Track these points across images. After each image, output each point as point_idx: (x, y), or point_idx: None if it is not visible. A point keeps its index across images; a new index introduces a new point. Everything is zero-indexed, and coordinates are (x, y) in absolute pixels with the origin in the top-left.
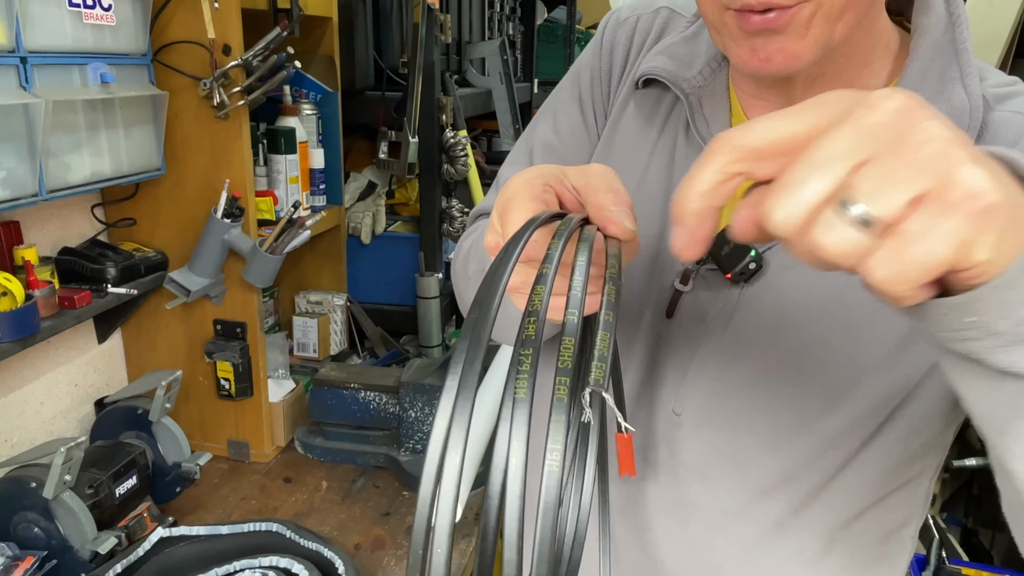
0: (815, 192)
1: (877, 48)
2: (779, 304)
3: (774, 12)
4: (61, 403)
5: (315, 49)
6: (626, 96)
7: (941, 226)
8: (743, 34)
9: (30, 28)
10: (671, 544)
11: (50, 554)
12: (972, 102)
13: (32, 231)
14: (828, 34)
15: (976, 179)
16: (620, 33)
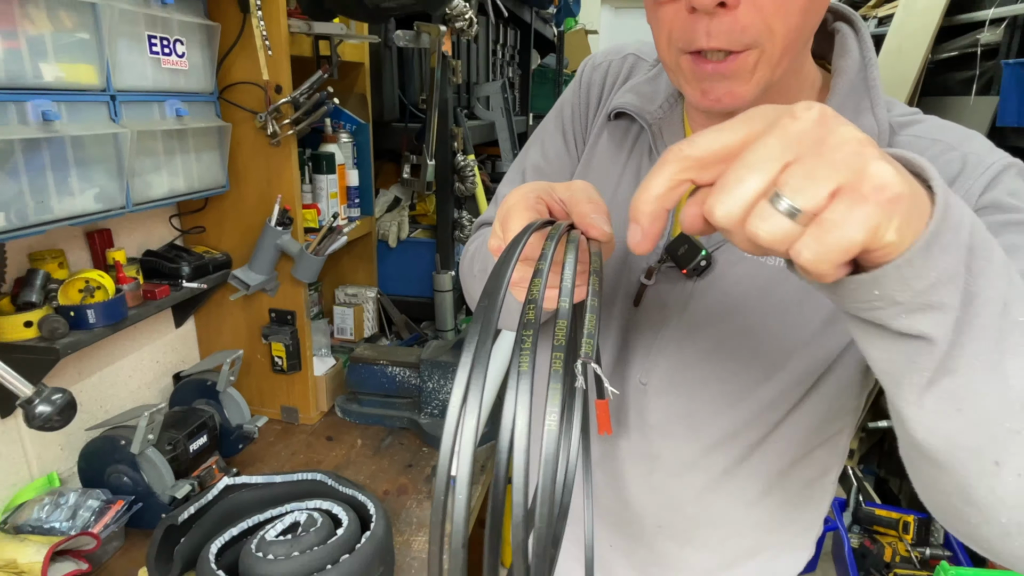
0: (750, 189)
1: (804, 86)
2: (725, 294)
3: (725, 58)
4: (145, 376)
5: (351, 88)
6: (601, 126)
7: (856, 214)
8: (696, 77)
9: (118, 72)
10: (638, 488)
11: (136, 498)
12: (880, 127)
13: (121, 237)
14: (769, 77)
15: (884, 174)
16: (595, 75)
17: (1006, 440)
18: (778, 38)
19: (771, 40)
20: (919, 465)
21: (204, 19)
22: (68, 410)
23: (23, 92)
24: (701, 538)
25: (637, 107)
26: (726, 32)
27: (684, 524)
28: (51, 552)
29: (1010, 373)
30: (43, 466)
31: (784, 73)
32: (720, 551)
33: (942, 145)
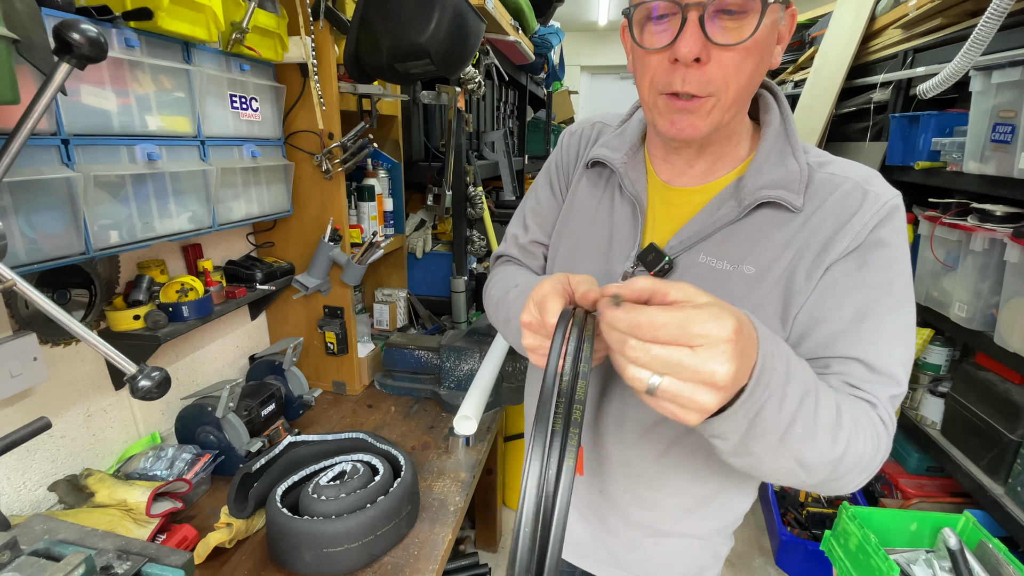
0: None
1: (741, 133)
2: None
3: (691, 99)
4: (228, 357)
5: (387, 135)
6: (580, 174)
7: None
8: (668, 111)
9: (207, 122)
10: (617, 444)
11: (220, 452)
12: (800, 167)
13: (209, 249)
14: (720, 119)
15: (720, 374)
16: (572, 140)
17: (786, 479)
18: (731, 92)
19: (726, 92)
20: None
21: (273, 82)
22: (164, 384)
23: (133, 138)
24: (670, 485)
25: (607, 157)
26: (696, 81)
27: (656, 472)
28: (153, 494)
29: (785, 458)
30: (148, 427)
31: (732, 119)
32: (687, 495)
33: (851, 183)
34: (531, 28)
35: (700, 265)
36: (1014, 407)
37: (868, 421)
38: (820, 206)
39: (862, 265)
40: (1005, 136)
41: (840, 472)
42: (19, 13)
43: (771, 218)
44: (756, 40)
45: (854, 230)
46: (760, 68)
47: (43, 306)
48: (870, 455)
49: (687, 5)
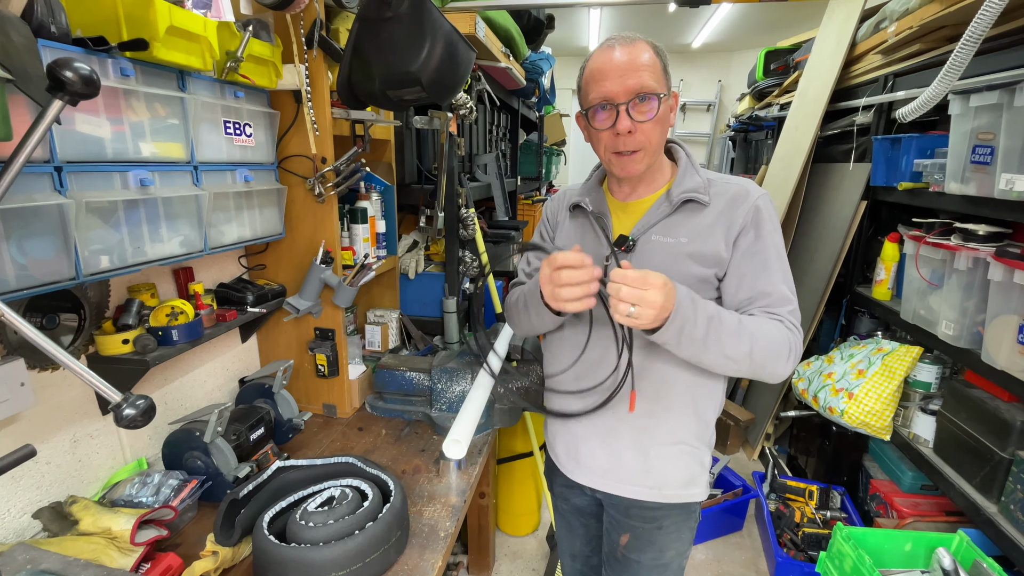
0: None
1: (663, 167)
2: (641, 256)
3: (631, 154)
4: (217, 381)
5: (380, 159)
6: (564, 216)
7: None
8: (618, 162)
9: (200, 148)
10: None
11: (207, 478)
12: (702, 180)
13: (200, 272)
14: (649, 161)
15: (655, 300)
16: (553, 203)
17: (724, 368)
18: (652, 145)
19: (650, 146)
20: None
21: (267, 108)
22: (149, 412)
23: (126, 164)
24: (665, 396)
25: (580, 199)
26: (631, 144)
27: (654, 389)
28: (138, 521)
29: (709, 352)
30: (135, 452)
31: (654, 160)
32: (675, 403)
33: (736, 185)
34: (522, 55)
35: (653, 242)
36: (1004, 424)
37: (773, 325)
38: (720, 201)
39: (756, 236)
40: (985, 158)
41: (760, 358)
42: (15, 45)
43: (692, 209)
44: (659, 117)
45: (742, 213)
46: (665, 129)
47: (29, 335)
48: (779, 343)
49: (617, 104)
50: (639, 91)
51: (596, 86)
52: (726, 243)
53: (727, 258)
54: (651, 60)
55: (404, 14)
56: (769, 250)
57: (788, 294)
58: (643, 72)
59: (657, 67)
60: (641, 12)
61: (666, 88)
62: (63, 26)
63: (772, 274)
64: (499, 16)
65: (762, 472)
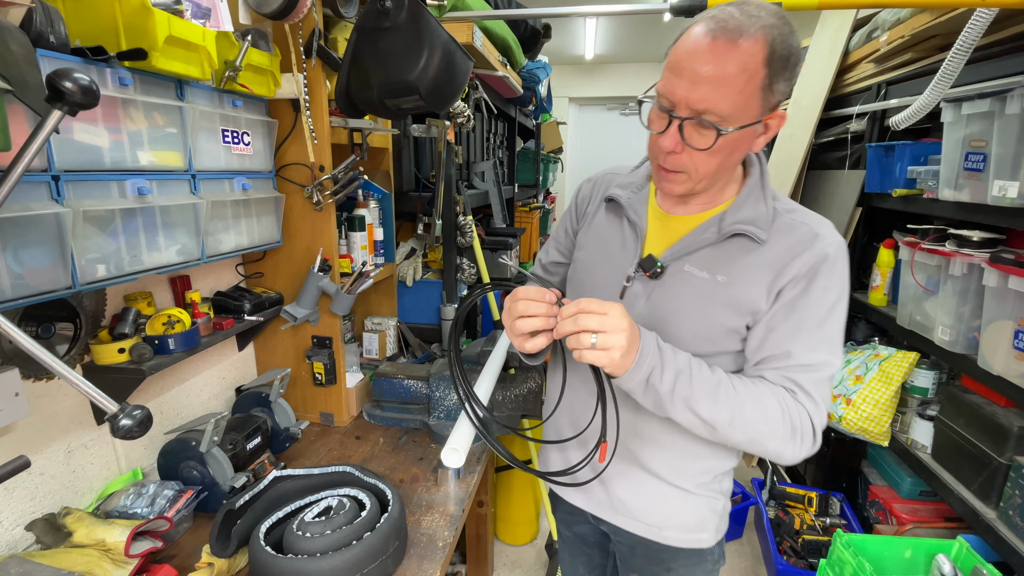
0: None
1: (730, 184)
2: (667, 287)
3: (670, 172)
4: (214, 390)
5: (378, 166)
6: (598, 207)
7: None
8: (657, 174)
9: (198, 156)
10: (621, 404)
11: (203, 488)
12: (767, 211)
13: (197, 281)
14: (693, 187)
15: (614, 346)
16: (588, 185)
17: (696, 429)
18: (700, 172)
19: (696, 172)
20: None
21: (265, 117)
22: (146, 423)
23: (124, 173)
24: (662, 439)
25: (617, 194)
26: (672, 163)
27: (652, 428)
28: (133, 533)
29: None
30: (130, 463)
31: (707, 187)
32: (676, 449)
33: (806, 228)
34: (519, 63)
35: (685, 272)
36: (1001, 429)
37: (776, 396)
38: (779, 241)
39: (804, 291)
40: (977, 164)
41: (747, 432)
42: (14, 55)
43: (742, 245)
44: (719, 147)
45: (801, 261)
46: (730, 159)
47: (24, 344)
48: (774, 419)
49: (672, 113)
50: (700, 112)
51: (667, 74)
52: (768, 292)
53: (764, 310)
54: (742, 74)
55: (402, 24)
56: (814, 309)
57: (818, 361)
58: (720, 90)
59: (749, 86)
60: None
61: (753, 113)
62: (62, 36)
63: (807, 337)
64: (496, 26)
65: (761, 479)
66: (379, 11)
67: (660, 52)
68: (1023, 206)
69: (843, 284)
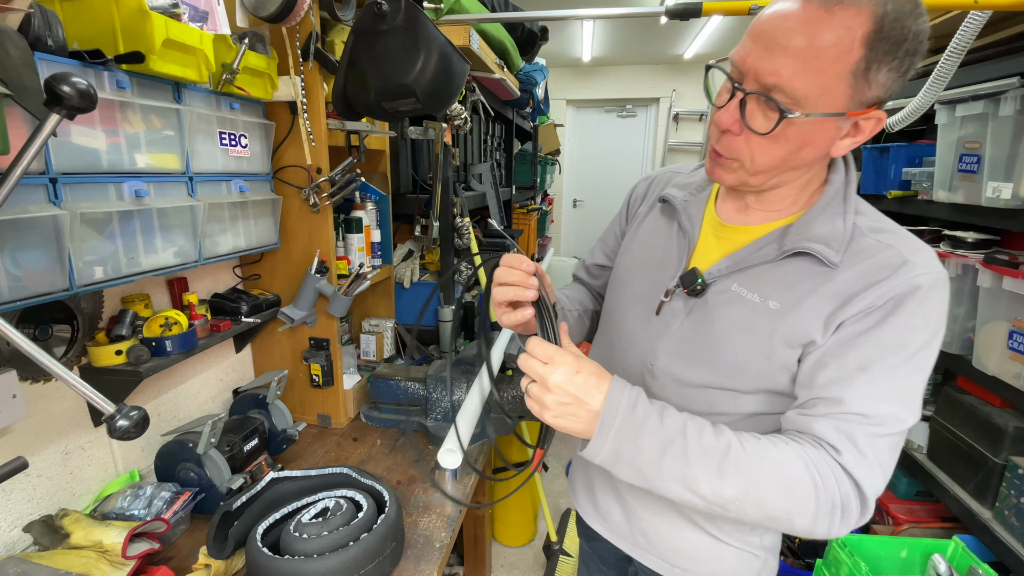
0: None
1: (806, 189)
2: (707, 309)
3: (721, 156)
4: (211, 391)
5: (375, 169)
6: (650, 207)
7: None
8: (709, 158)
9: (195, 159)
10: None
11: (200, 490)
12: (845, 230)
13: (194, 283)
14: (744, 179)
15: (547, 413)
16: (644, 183)
17: (697, 505)
18: (756, 164)
19: (751, 162)
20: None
21: (263, 119)
22: (143, 424)
23: (121, 175)
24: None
25: (671, 195)
26: (724, 146)
27: None
28: (130, 535)
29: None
30: (127, 464)
31: (764, 182)
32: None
33: (893, 251)
34: (516, 66)
35: (731, 292)
36: (996, 430)
37: (805, 467)
38: (855, 265)
39: (877, 325)
40: (971, 166)
41: (764, 509)
42: (12, 59)
43: (806, 267)
44: (782, 135)
45: (879, 291)
46: (797, 156)
47: (23, 346)
48: (803, 490)
49: (735, 84)
50: (769, 88)
51: (744, 39)
52: (826, 324)
53: (817, 342)
54: (830, 49)
55: (399, 27)
56: (887, 348)
57: (881, 413)
58: (796, 63)
59: (836, 65)
60: (634, 24)
61: (836, 102)
62: (60, 39)
63: (870, 382)
64: (493, 28)
65: None
66: (376, 14)
67: (658, 54)
68: (1017, 207)
69: (935, 326)
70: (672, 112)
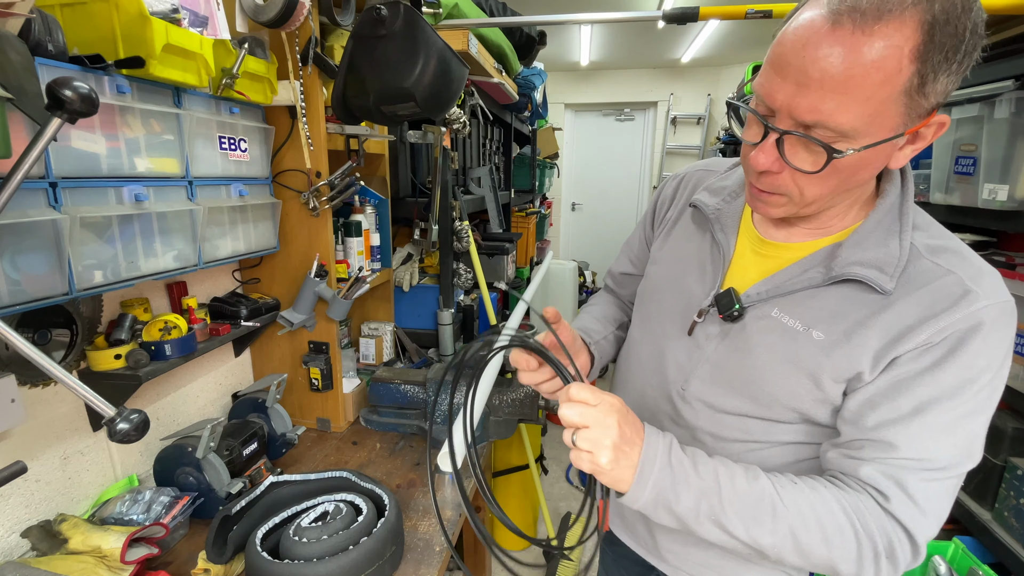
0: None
1: (854, 206)
2: (745, 335)
3: (764, 192)
4: (210, 395)
5: (374, 172)
6: (681, 211)
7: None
8: (750, 192)
9: (195, 163)
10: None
11: (199, 494)
12: (901, 252)
13: (194, 287)
14: (794, 211)
15: (600, 462)
16: (672, 183)
17: (739, 551)
18: (807, 197)
19: (800, 196)
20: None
21: (262, 123)
22: (143, 427)
23: (121, 180)
24: None
25: (703, 202)
26: (767, 184)
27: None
28: (129, 539)
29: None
30: (126, 469)
31: (820, 208)
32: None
33: (954, 278)
34: (514, 70)
35: (771, 319)
36: (995, 431)
37: (844, 513)
38: (911, 293)
39: (936, 365)
40: (967, 168)
41: (801, 558)
42: (13, 63)
43: (855, 294)
44: (834, 168)
45: (938, 326)
46: (851, 180)
47: (23, 349)
48: (843, 544)
49: (767, 123)
50: (808, 126)
51: (767, 69)
52: (876, 358)
53: (865, 378)
54: (875, 75)
55: (398, 32)
56: (947, 390)
57: (938, 459)
58: (838, 98)
59: (884, 90)
60: (632, 28)
61: (889, 127)
62: (60, 44)
63: (927, 426)
64: (492, 33)
65: None
66: (375, 19)
67: (655, 58)
68: (1013, 209)
69: (1000, 362)
70: (670, 116)
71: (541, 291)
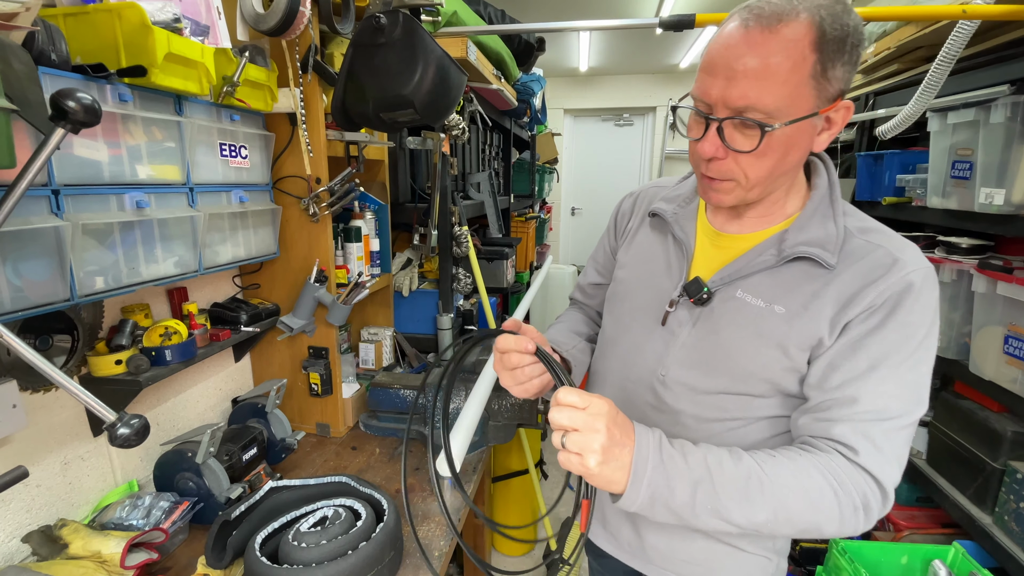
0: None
1: (791, 195)
2: (716, 316)
3: (714, 180)
4: (210, 401)
5: (374, 178)
6: (640, 222)
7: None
8: (702, 184)
9: (196, 170)
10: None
11: (199, 500)
12: (837, 231)
13: (194, 292)
14: (743, 196)
15: (591, 465)
16: (628, 200)
17: (734, 531)
18: (751, 178)
19: (745, 179)
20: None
21: (263, 130)
22: (143, 432)
23: (122, 187)
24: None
25: (661, 209)
26: (716, 171)
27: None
28: (128, 545)
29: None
30: (126, 474)
31: (760, 194)
32: None
33: (883, 251)
34: (513, 76)
35: (736, 299)
36: (994, 435)
37: (822, 476)
38: (851, 266)
39: (881, 324)
40: (964, 173)
41: (793, 524)
42: (17, 73)
43: (805, 270)
44: (768, 147)
45: (877, 290)
46: (786, 160)
47: (25, 354)
48: (824, 501)
49: (708, 116)
50: (741, 110)
51: (700, 75)
52: (832, 325)
53: (826, 344)
54: (786, 62)
55: (397, 40)
56: (892, 346)
57: (893, 408)
58: (761, 82)
59: (796, 74)
60: (630, 34)
61: (806, 105)
62: (63, 54)
63: (880, 379)
64: (490, 40)
65: None
66: (374, 27)
67: (654, 64)
68: (1010, 213)
69: (931, 319)
70: (668, 120)
71: (541, 295)
